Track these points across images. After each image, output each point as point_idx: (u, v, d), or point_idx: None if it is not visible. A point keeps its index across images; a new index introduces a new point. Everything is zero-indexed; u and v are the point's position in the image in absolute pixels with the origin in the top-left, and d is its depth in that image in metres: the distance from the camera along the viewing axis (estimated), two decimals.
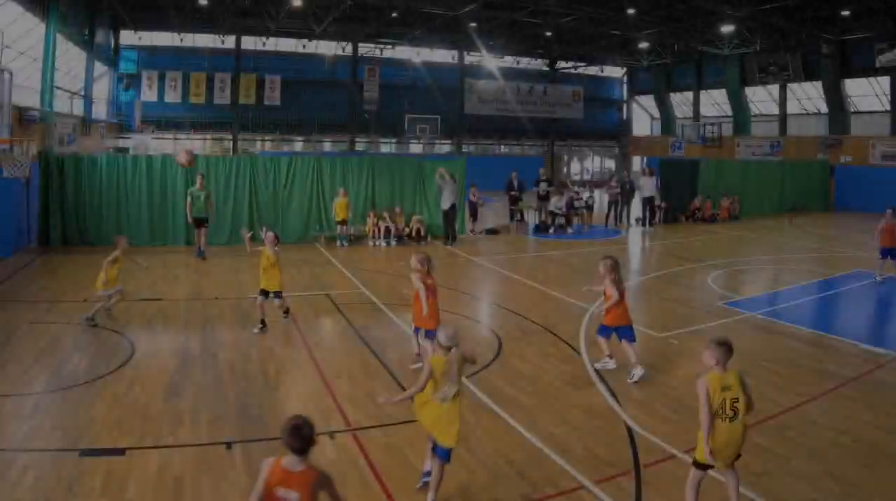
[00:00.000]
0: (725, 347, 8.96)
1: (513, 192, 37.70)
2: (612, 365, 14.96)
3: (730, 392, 8.72)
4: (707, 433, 8.60)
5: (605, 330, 14.83)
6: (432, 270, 14.61)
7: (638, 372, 14.34)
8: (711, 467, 8.92)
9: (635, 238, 36.64)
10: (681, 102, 76.34)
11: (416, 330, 14.66)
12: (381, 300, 20.93)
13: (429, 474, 9.74)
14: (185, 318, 18.67)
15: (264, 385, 13.85)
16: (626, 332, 14.66)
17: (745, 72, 64.35)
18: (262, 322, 17.45)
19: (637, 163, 77.88)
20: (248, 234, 19.12)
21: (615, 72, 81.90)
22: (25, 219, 28.75)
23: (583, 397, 13.45)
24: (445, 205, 32.32)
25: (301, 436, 6.56)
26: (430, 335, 13.35)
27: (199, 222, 27.43)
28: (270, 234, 17.67)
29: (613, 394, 13.55)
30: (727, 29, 53.90)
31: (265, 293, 17.57)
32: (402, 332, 17.81)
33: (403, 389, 13.13)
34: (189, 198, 27.17)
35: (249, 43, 64.32)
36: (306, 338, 16.95)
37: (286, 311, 18.36)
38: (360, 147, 69.43)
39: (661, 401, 13.24)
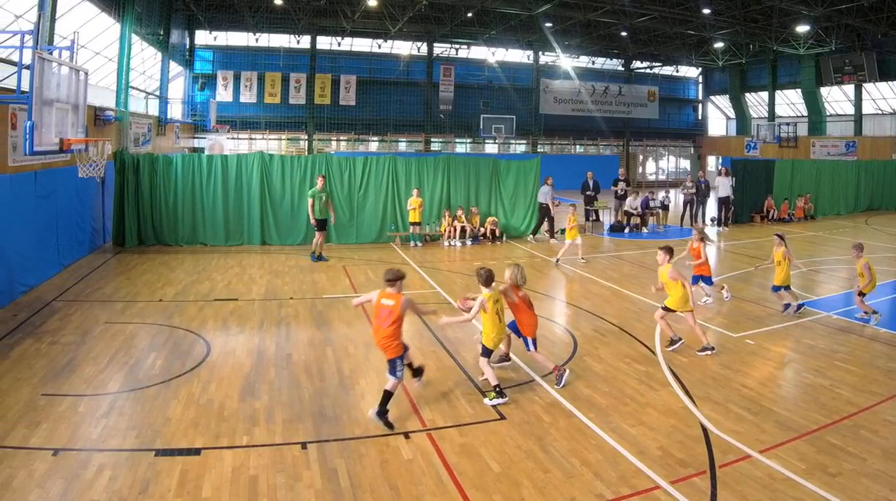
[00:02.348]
0: (861, 245, 18.45)
1: (588, 192, 37.40)
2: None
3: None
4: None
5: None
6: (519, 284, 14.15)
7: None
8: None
9: (711, 238, 36.15)
10: (756, 102, 75.45)
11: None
12: (456, 300, 20.75)
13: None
14: (261, 318, 18.63)
15: (339, 385, 13.76)
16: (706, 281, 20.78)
17: (820, 72, 63.39)
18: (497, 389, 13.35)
19: (712, 162, 77.24)
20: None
21: (690, 72, 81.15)
22: (101, 218, 29.01)
23: (658, 397, 13.36)
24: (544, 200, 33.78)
25: None
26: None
27: (321, 224, 27.11)
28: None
29: (688, 394, 13.45)
30: (802, 29, 53.51)
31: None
32: (476, 332, 17.68)
33: (479, 390, 13.13)
34: (311, 199, 26.78)
35: (324, 43, 64.69)
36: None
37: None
38: (435, 147, 69.49)
39: (736, 401, 13.12)
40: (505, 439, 11.42)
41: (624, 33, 62.93)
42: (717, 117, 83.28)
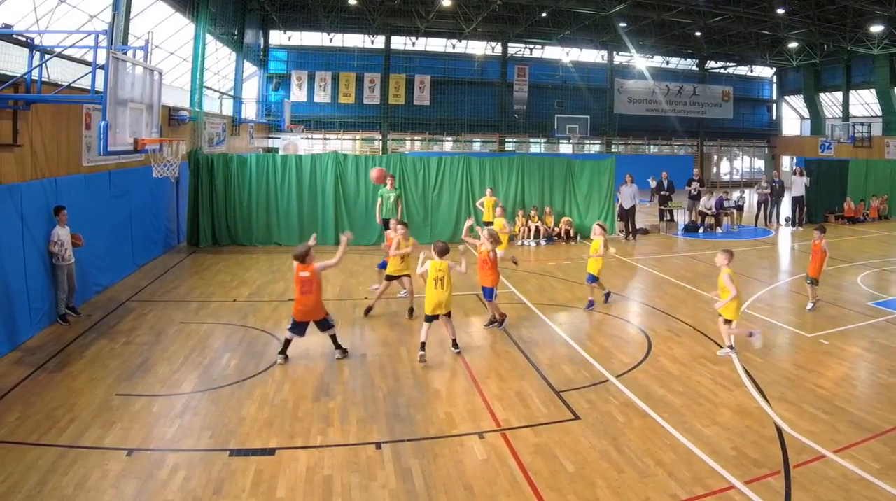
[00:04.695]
0: (731, 253, 15.85)
1: (662, 192, 37.19)
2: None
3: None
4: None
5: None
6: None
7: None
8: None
9: (785, 238, 35.81)
10: (830, 102, 74.26)
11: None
12: (530, 300, 20.67)
13: None
14: (335, 318, 18.62)
15: (414, 385, 13.76)
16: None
17: (894, 71, 62.22)
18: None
19: (786, 162, 76.41)
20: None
21: (764, 72, 79.96)
22: (175, 218, 29.31)
23: (732, 397, 13.27)
24: (627, 204, 33.56)
25: None
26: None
27: (384, 224, 26.61)
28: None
29: (763, 394, 13.35)
30: (877, 29, 52.67)
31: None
32: (551, 331, 17.61)
33: (553, 389, 13.04)
34: (379, 199, 26.62)
35: (398, 43, 64.78)
36: (456, 338, 16.71)
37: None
38: (509, 147, 69.29)
39: (811, 401, 13.02)
40: (579, 439, 11.37)
41: (698, 33, 62.33)
42: (792, 117, 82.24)
